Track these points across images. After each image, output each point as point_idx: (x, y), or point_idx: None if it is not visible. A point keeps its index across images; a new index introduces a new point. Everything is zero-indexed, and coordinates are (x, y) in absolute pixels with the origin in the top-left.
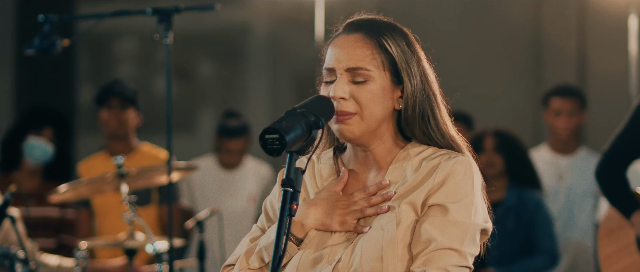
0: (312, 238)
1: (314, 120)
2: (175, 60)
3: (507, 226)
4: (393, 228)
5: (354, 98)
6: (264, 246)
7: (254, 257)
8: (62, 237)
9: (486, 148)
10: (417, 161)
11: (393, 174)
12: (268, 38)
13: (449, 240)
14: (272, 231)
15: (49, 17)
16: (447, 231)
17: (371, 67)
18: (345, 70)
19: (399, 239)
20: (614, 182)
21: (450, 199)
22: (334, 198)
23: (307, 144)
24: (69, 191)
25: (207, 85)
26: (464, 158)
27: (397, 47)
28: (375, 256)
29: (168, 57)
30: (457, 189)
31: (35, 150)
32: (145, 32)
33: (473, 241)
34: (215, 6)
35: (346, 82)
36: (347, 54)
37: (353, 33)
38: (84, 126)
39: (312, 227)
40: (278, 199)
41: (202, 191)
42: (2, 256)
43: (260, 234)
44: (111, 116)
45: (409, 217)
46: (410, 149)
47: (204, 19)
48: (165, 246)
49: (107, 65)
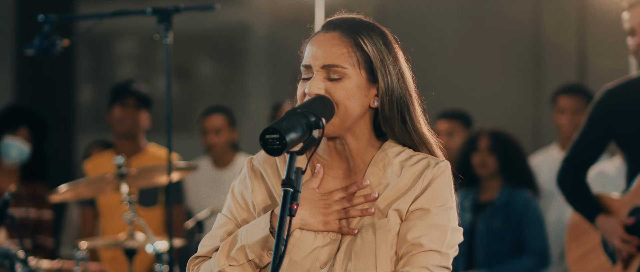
0: (296, 240)
1: (314, 120)
2: (175, 60)
3: (495, 226)
4: (386, 236)
5: (329, 94)
6: (248, 244)
7: (235, 252)
8: (38, 238)
9: (480, 148)
10: (397, 163)
11: (373, 176)
12: (268, 38)
13: (431, 242)
14: (255, 227)
15: (49, 17)
16: (430, 234)
17: (347, 65)
18: (321, 68)
19: (389, 246)
20: (576, 188)
21: (433, 204)
22: (315, 197)
23: (308, 144)
24: (68, 190)
25: (207, 85)
26: (444, 164)
27: (373, 46)
28: (369, 264)
29: (168, 57)
30: (439, 194)
31: (11, 149)
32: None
33: (452, 243)
34: (215, 6)
35: (322, 79)
36: (324, 52)
37: (331, 31)
38: (83, 126)
39: (296, 227)
40: (250, 191)
41: (195, 191)
42: (2, 256)
43: (232, 226)
44: (125, 115)
45: (397, 224)
46: (387, 149)
47: (204, 19)
48: (165, 246)
49: (107, 65)
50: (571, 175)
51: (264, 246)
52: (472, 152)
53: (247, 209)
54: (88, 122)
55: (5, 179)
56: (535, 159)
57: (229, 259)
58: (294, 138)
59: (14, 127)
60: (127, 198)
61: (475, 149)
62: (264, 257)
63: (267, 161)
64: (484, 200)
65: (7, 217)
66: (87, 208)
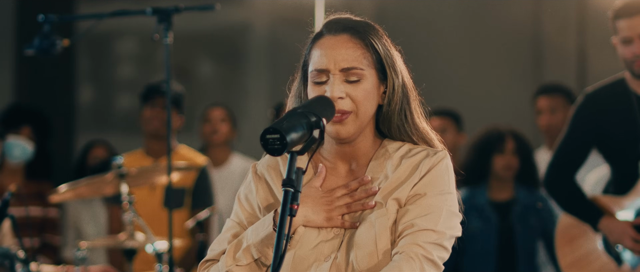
0: (300, 236)
1: (315, 120)
2: (175, 60)
3: (532, 224)
4: (385, 224)
5: (349, 97)
6: (253, 243)
7: (241, 253)
8: (45, 236)
9: (507, 150)
10: (397, 157)
11: (374, 170)
12: (268, 38)
13: (424, 222)
14: (260, 226)
15: (49, 17)
16: (424, 215)
17: (363, 66)
18: (340, 71)
19: (389, 234)
20: (568, 192)
21: (429, 189)
22: (317, 194)
23: (308, 144)
24: (68, 191)
25: (207, 85)
26: (443, 153)
27: (382, 45)
28: (371, 252)
29: (168, 57)
30: (436, 181)
31: (14, 149)
32: (145, 32)
33: (449, 225)
34: (215, 6)
35: (341, 81)
36: (341, 55)
37: (339, 33)
38: (83, 126)
39: (299, 224)
40: (255, 194)
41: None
42: (2, 256)
43: (239, 229)
44: (154, 115)
45: (395, 213)
46: (387, 145)
47: (204, 19)
48: (165, 246)
49: (107, 65)
50: (560, 180)
51: (268, 244)
52: (493, 154)
53: (252, 212)
54: (88, 122)
55: (10, 178)
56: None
57: (236, 259)
58: (295, 138)
59: (17, 127)
60: (127, 198)
61: (500, 151)
62: (269, 255)
63: (270, 165)
64: (502, 199)
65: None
66: (113, 205)
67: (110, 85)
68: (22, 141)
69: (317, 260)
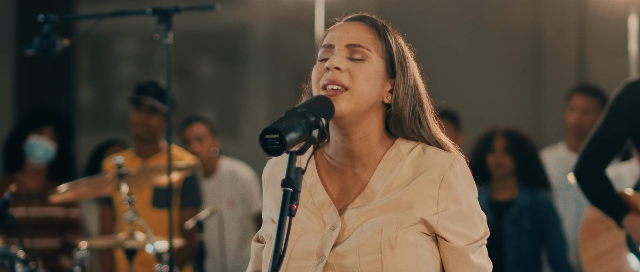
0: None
1: (314, 120)
2: (175, 60)
3: (524, 227)
4: (392, 230)
5: (348, 71)
6: None
7: None
8: (67, 236)
9: (496, 148)
10: (408, 162)
11: (383, 171)
12: (268, 38)
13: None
14: None
15: (49, 17)
16: (465, 238)
17: (371, 48)
18: (345, 46)
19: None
20: (597, 183)
21: (461, 221)
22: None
23: (307, 144)
24: (68, 191)
25: (207, 85)
26: (457, 161)
27: (396, 41)
28: (375, 259)
29: (168, 57)
30: (459, 195)
31: (37, 149)
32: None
33: (480, 227)
34: (215, 6)
35: (344, 56)
36: (349, 32)
37: (356, 21)
38: (83, 126)
39: None
40: (265, 199)
41: None
42: (2, 256)
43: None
44: (139, 120)
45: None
46: (400, 145)
47: (204, 19)
48: (165, 246)
49: (107, 65)
50: (590, 169)
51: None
52: (486, 153)
53: (272, 225)
54: (88, 122)
55: (32, 178)
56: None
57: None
58: (294, 138)
59: (39, 127)
60: (127, 198)
61: (491, 150)
62: None
63: (274, 167)
64: (501, 199)
65: (8, 217)
66: (105, 206)
67: (110, 85)
68: (45, 141)
69: (313, 258)
